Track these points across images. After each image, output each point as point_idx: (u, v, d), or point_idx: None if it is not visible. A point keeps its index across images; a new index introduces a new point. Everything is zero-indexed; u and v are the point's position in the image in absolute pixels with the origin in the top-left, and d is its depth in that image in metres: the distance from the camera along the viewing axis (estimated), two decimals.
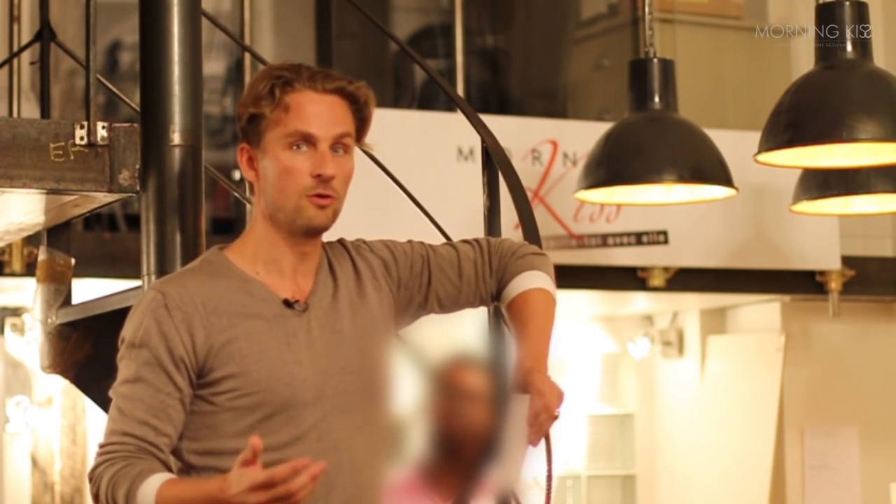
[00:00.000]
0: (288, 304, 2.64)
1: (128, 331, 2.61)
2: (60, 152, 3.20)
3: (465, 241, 2.85)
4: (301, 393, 2.59)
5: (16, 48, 5.20)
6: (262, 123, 2.63)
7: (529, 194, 4.86)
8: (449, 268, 2.79)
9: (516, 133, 6.92)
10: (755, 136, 4.61)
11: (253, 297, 2.63)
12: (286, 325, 2.62)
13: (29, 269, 6.15)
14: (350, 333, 2.68)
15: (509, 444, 2.54)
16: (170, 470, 2.56)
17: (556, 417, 2.58)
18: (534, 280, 2.76)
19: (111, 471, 2.51)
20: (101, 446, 2.56)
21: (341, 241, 2.78)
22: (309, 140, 2.61)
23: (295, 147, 2.61)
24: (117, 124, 3.27)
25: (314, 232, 2.66)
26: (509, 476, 2.58)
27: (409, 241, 2.83)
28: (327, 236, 2.74)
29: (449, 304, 2.82)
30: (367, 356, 2.69)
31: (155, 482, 2.47)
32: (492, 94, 8.84)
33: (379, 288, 2.74)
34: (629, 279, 7.17)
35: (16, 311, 7.49)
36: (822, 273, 7.51)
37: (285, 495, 2.33)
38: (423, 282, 2.78)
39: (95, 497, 2.54)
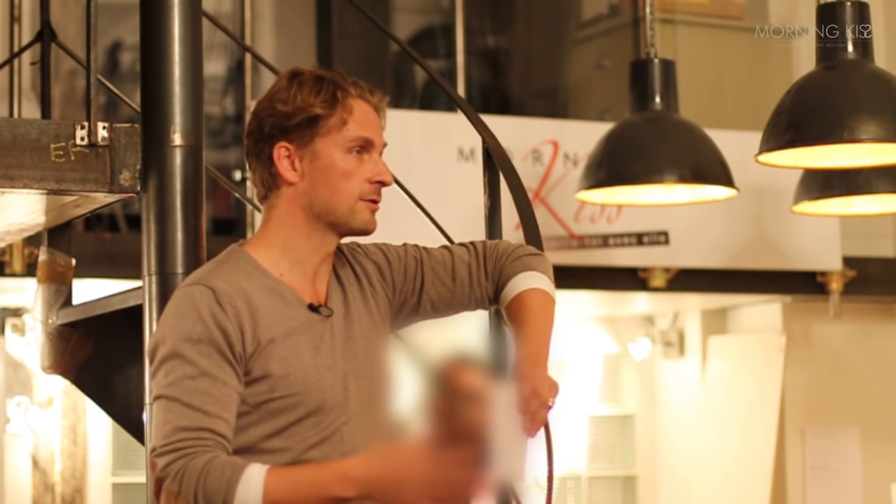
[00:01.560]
0: (313, 308, 2.65)
1: (180, 327, 2.56)
2: (61, 153, 3.20)
3: (461, 245, 2.86)
4: (330, 397, 2.60)
5: (16, 48, 5.20)
6: (321, 126, 2.64)
7: (530, 195, 4.86)
8: (442, 271, 2.80)
9: (517, 133, 6.92)
10: (756, 137, 4.61)
11: (284, 300, 2.63)
12: (314, 329, 2.64)
13: (30, 270, 6.16)
14: (360, 339, 2.70)
15: (504, 435, 2.53)
16: None
17: (549, 406, 2.57)
18: (531, 281, 2.76)
19: (198, 463, 2.46)
20: (169, 443, 2.49)
21: (337, 246, 2.78)
22: (367, 146, 2.66)
23: (354, 152, 2.65)
24: (118, 125, 3.27)
25: (362, 234, 2.71)
26: (511, 469, 2.56)
27: (404, 245, 2.84)
28: None
29: (443, 308, 2.83)
30: (374, 360, 2.71)
31: (259, 469, 2.45)
32: (493, 95, 8.84)
33: (375, 293, 2.76)
34: (630, 280, 7.17)
35: (16, 312, 7.49)
36: (823, 274, 7.51)
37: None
38: (416, 285, 2.79)
39: (175, 494, 2.48)
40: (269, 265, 2.66)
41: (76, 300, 3.78)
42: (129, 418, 3.63)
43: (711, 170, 5.30)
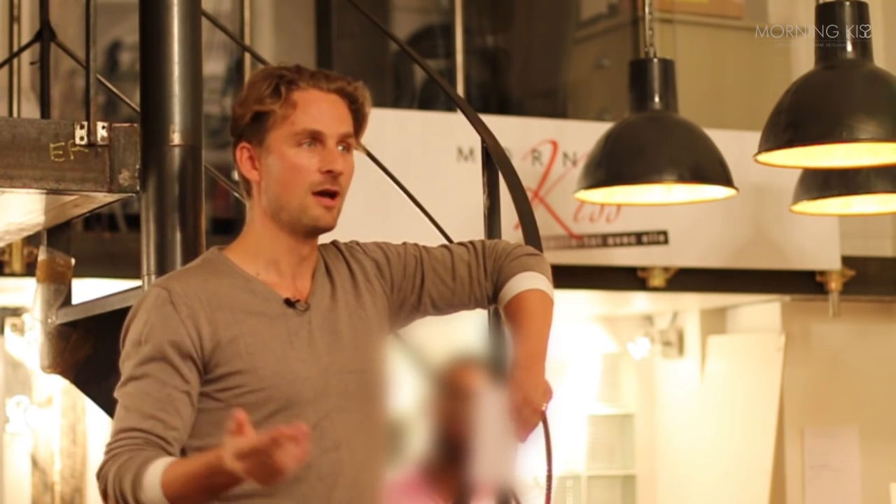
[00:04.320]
0: (289, 303, 2.65)
1: (132, 330, 2.60)
2: (60, 152, 3.20)
3: (460, 244, 2.87)
4: (304, 391, 2.60)
5: (16, 48, 5.21)
6: (268, 122, 2.64)
7: (529, 194, 4.86)
8: (442, 269, 2.80)
9: (516, 133, 6.91)
10: (755, 136, 4.61)
11: (255, 296, 2.64)
12: (288, 323, 2.63)
13: (29, 269, 6.15)
14: (348, 334, 2.69)
15: (492, 439, 2.54)
16: None
17: (541, 412, 2.58)
18: (529, 281, 2.76)
19: (116, 464, 2.49)
20: (107, 445, 2.55)
21: (335, 244, 2.79)
22: (317, 137, 2.64)
23: (304, 144, 2.63)
24: (117, 124, 3.27)
25: (318, 232, 2.68)
26: (498, 472, 2.57)
27: (404, 243, 2.84)
28: (326, 236, 2.75)
29: (443, 306, 2.83)
30: (364, 357, 2.70)
31: (159, 465, 2.46)
32: (492, 94, 8.84)
33: (373, 290, 2.75)
34: (629, 279, 7.17)
35: (16, 311, 7.49)
36: (823, 273, 7.51)
37: (271, 464, 2.31)
38: (416, 283, 2.79)
39: (104, 494, 2.52)
40: (244, 265, 2.67)
41: (75, 300, 3.78)
42: None
43: (710, 169, 5.30)
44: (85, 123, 3.23)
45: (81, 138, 3.22)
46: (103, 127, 3.24)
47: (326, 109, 2.65)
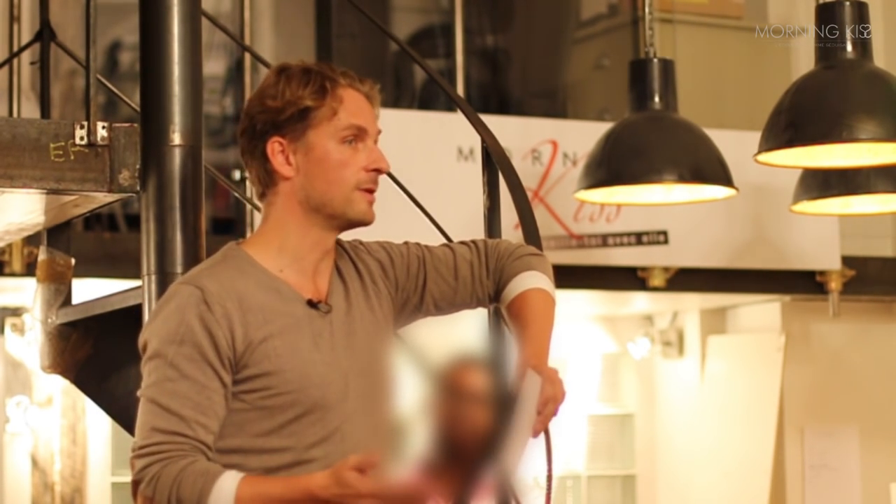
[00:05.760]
0: (312, 304, 2.65)
1: (162, 328, 2.56)
2: (60, 152, 3.20)
3: (462, 243, 2.86)
4: (329, 394, 2.59)
5: (16, 48, 5.20)
6: (312, 118, 2.64)
7: (529, 194, 4.86)
8: (445, 269, 2.80)
9: (516, 133, 6.92)
10: (755, 136, 4.61)
11: (281, 296, 2.63)
12: (312, 325, 2.63)
13: (29, 269, 6.15)
14: (362, 335, 2.69)
15: (517, 431, 2.54)
16: None
17: (557, 412, 2.59)
18: (532, 280, 2.77)
19: (173, 469, 2.46)
20: (145, 446, 2.50)
21: (339, 243, 2.78)
22: (361, 135, 2.66)
23: (348, 141, 2.65)
24: (117, 124, 3.27)
25: (360, 225, 2.70)
26: (510, 464, 2.57)
27: (406, 243, 2.84)
28: None
29: (445, 306, 2.83)
30: (376, 358, 2.71)
31: (231, 479, 2.45)
32: (492, 94, 8.84)
33: (378, 291, 2.75)
34: (629, 279, 7.17)
35: (16, 311, 7.49)
36: (823, 273, 7.51)
37: None
38: (418, 283, 2.79)
39: (150, 499, 2.48)
40: (267, 262, 2.66)
41: (75, 300, 3.78)
42: (128, 418, 3.62)
43: (710, 169, 5.30)
44: (85, 123, 3.23)
45: (81, 138, 3.22)
46: (103, 127, 3.24)
47: (366, 108, 2.69)
